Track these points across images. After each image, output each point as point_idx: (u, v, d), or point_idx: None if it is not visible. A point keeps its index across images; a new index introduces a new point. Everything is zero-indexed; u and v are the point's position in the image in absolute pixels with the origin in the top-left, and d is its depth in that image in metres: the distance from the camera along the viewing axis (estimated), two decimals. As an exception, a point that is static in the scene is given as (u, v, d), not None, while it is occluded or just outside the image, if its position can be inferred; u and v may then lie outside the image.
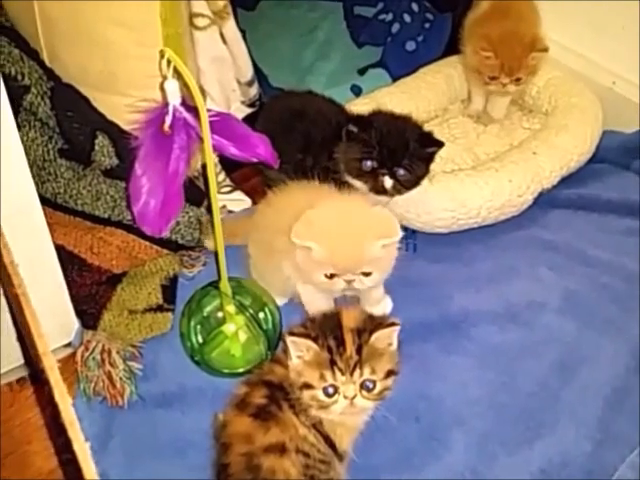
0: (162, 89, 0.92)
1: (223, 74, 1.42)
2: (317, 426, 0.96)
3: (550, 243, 1.42)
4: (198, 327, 1.20)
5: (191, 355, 1.19)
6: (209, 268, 1.32)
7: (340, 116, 1.37)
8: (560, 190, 1.50)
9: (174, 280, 1.31)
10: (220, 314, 1.20)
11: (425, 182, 1.38)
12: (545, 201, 1.48)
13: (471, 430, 1.11)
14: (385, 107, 1.59)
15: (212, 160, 0.98)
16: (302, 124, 1.35)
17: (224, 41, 1.37)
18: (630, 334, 1.24)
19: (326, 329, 0.94)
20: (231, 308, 1.19)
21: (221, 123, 0.99)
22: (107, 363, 1.16)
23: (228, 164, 1.47)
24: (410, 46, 1.82)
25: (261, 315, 1.21)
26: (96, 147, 1.22)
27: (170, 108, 0.93)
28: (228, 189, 1.49)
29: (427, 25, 1.84)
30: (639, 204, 1.47)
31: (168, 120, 0.93)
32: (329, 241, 1.07)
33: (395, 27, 1.84)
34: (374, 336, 0.93)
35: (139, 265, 1.29)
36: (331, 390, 0.92)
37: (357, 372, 0.92)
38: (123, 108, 1.08)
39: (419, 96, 1.66)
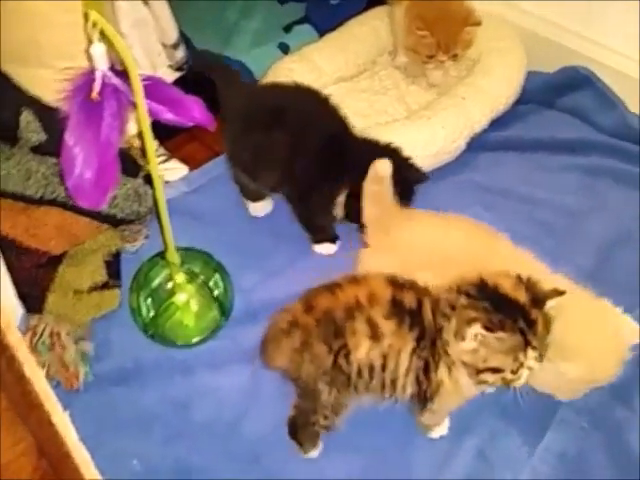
0: (88, 55, 0.87)
1: (146, 37, 1.37)
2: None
3: (484, 184, 1.46)
4: (148, 300, 1.19)
5: (144, 329, 1.17)
6: (153, 240, 1.30)
7: (334, 118, 1.28)
8: (490, 133, 1.53)
9: (117, 256, 1.28)
10: (170, 285, 1.19)
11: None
12: (476, 145, 1.50)
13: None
14: (314, 63, 1.59)
15: (148, 126, 0.95)
16: (288, 125, 1.22)
17: (145, 2, 1.32)
18: (568, 268, 1.30)
19: (504, 310, 0.87)
20: (180, 277, 1.18)
21: (152, 87, 0.95)
22: (57, 346, 1.13)
23: (159, 132, 1.43)
24: (334, 0, 1.80)
25: (211, 282, 1.20)
26: (21, 124, 1.16)
27: (98, 74, 0.89)
28: (163, 158, 1.46)
29: (347, -22, 1.82)
30: (570, 141, 1.52)
31: (97, 86, 0.89)
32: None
33: (316, -18, 1.81)
34: (549, 304, 0.89)
35: (79, 244, 1.25)
36: (518, 367, 0.89)
37: (545, 344, 0.89)
38: (49, 81, 1.03)
39: (347, 50, 1.65)
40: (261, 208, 1.38)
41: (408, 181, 1.22)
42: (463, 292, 0.90)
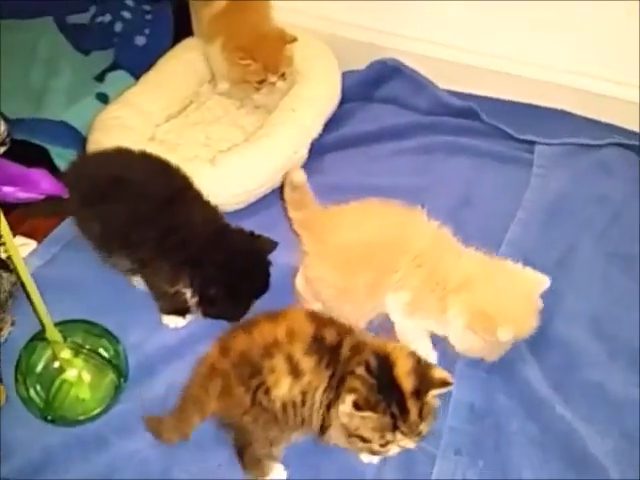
0: None
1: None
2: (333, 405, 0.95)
3: (334, 184, 1.52)
4: (37, 387, 1.12)
5: (42, 417, 1.11)
6: (22, 323, 1.23)
7: (175, 184, 1.24)
8: (326, 136, 1.61)
9: (-13, 351, 1.19)
10: (56, 364, 1.13)
11: (207, 167, 1.41)
12: (317, 149, 1.58)
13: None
14: (139, 107, 1.58)
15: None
16: (127, 192, 1.20)
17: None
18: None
19: (385, 391, 0.92)
20: (66, 353, 1.13)
21: (-6, 169, 0.92)
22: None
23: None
24: (140, 41, 1.80)
25: (100, 348, 1.16)
26: None
27: None
28: (8, 237, 1.38)
29: (149, 17, 1.83)
30: (395, 127, 1.63)
31: None
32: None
33: (118, 26, 1.80)
34: (431, 394, 0.93)
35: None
36: (386, 443, 0.93)
37: (417, 430, 0.93)
38: None
39: (167, 87, 1.66)
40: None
41: (262, 256, 1.19)
42: (364, 361, 0.94)
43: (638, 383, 1.14)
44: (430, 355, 1.18)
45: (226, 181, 1.40)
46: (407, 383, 0.92)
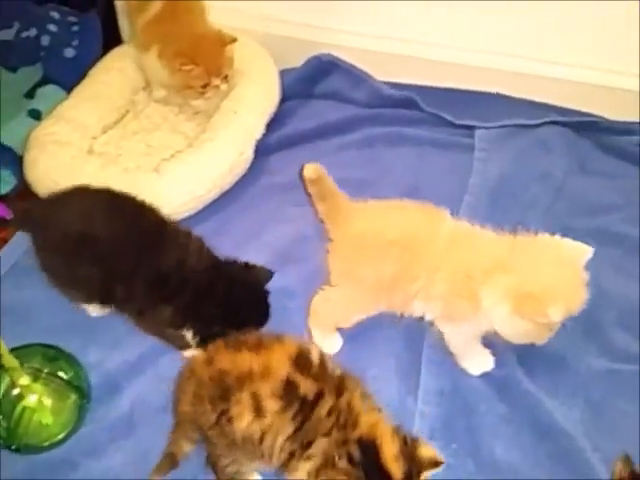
0: None
1: None
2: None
3: (284, 184, 1.52)
4: (-3, 416, 1.08)
5: (5, 446, 1.07)
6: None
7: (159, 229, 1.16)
8: (270, 135, 1.60)
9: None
10: (15, 391, 1.09)
11: (152, 176, 1.39)
12: (262, 150, 1.56)
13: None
14: (75, 120, 1.54)
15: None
16: (102, 243, 1.12)
17: None
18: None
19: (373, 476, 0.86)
20: (25, 380, 1.09)
21: None
22: None
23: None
24: (69, 53, 1.75)
25: (60, 371, 1.13)
26: None
27: None
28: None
29: (76, 28, 1.78)
30: (337, 122, 1.64)
31: None
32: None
33: (45, 40, 1.74)
34: (422, 478, 0.88)
35: None
36: None
37: None
38: None
39: (102, 98, 1.62)
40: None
41: (260, 288, 1.16)
42: (346, 454, 0.88)
43: (597, 353, 1.18)
44: (485, 357, 1.16)
45: (173, 189, 1.38)
46: (396, 469, 0.86)
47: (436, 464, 0.88)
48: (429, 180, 1.53)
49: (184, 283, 1.11)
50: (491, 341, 1.16)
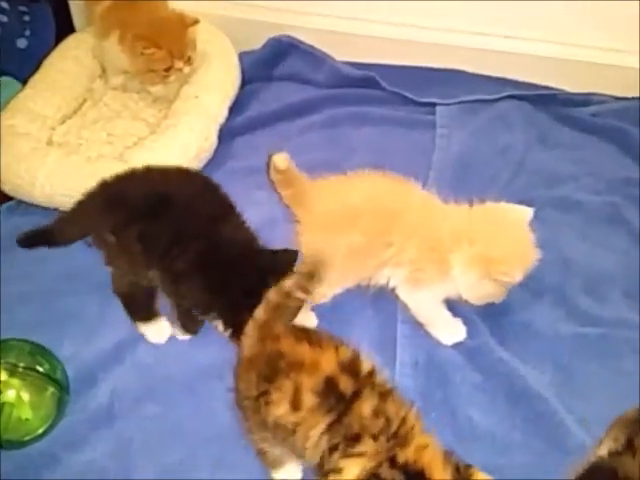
0: None
1: None
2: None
3: (249, 167, 1.52)
4: (-26, 414, 1.07)
5: (-13, 444, 1.06)
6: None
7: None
8: (233, 119, 1.60)
9: None
10: (-8, 387, 1.08)
11: (117, 165, 1.37)
12: (226, 134, 1.56)
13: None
14: (33, 112, 1.51)
15: None
16: (172, 211, 1.12)
17: None
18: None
19: None
20: (1, 375, 1.07)
21: None
22: None
23: None
24: (21, 43, 1.70)
25: (37, 365, 1.11)
26: None
27: None
28: None
29: (27, 18, 1.72)
30: (299, 104, 1.64)
31: None
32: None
33: (-5, 30, 1.70)
34: None
35: None
36: None
37: None
38: None
39: (58, 87, 1.59)
40: (160, 331, 1.24)
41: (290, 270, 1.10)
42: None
43: (564, 319, 1.22)
44: (456, 327, 1.20)
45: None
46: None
47: None
48: (393, 158, 1.54)
49: (225, 264, 1.11)
50: (461, 310, 1.20)
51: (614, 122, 1.54)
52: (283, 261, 1.12)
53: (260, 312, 0.96)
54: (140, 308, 1.24)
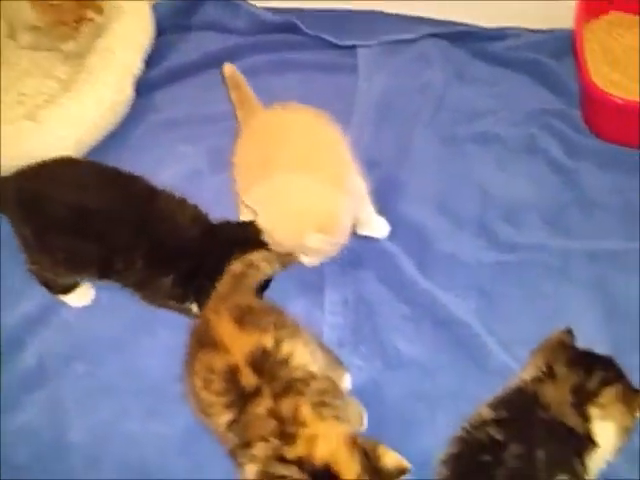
0: None
1: None
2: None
3: (169, 120, 1.51)
4: None
5: None
6: None
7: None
8: (150, 72, 1.56)
9: None
10: None
11: (30, 125, 1.34)
12: (144, 87, 1.53)
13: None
14: None
15: None
16: (98, 216, 1.06)
17: None
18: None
19: None
20: None
21: None
22: None
23: None
24: None
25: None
26: None
27: None
28: None
29: None
30: (218, 52, 1.61)
31: None
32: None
33: None
34: None
35: None
36: None
37: None
38: None
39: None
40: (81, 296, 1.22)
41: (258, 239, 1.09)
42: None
43: (486, 247, 1.26)
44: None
45: (54, 136, 1.34)
46: None
47: (403, 472, 0.80)
48: (316, 104, 1.51)
49: (181, 251, 1.07)
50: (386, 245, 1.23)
51: (529, 54, 1.56)
52: (251, 232, 1.08)
53: (223, 285, 0.97)
54: (57, 286, 1.20)
